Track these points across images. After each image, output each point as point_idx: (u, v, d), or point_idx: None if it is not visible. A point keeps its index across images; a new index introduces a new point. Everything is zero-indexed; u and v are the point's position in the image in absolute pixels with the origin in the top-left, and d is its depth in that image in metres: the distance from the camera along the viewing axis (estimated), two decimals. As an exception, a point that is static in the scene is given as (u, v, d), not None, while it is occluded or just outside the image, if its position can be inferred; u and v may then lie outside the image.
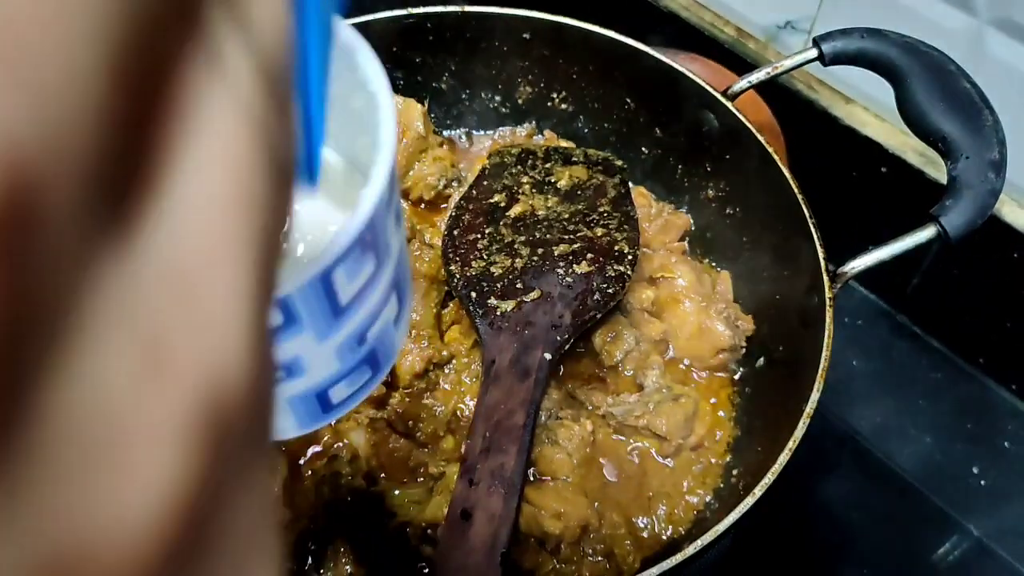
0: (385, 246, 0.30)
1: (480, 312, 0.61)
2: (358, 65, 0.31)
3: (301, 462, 0.61)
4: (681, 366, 0.68)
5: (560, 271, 0.63)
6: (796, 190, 0.63)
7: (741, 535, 0.59)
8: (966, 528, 0.73)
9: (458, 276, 0.63)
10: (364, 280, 0.29)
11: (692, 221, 0.75)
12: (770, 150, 0.65)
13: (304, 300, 0.26)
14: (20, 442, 0.09)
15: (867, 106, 0.81)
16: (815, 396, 0.55)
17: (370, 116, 0.31)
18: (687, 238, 0.75)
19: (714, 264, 0.74)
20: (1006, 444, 0.78)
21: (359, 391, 0.34)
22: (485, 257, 0.64)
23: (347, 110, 0.34)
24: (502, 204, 0.68)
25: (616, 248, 0.65)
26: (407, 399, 0.62)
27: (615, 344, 0.65)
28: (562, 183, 0.70)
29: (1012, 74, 0.70)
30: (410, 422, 0.62)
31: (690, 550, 0.49)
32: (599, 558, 0.58)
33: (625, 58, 0.72)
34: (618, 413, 0.63)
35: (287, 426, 0.33)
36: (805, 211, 0.62)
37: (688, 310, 0.68)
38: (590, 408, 0.64)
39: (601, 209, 0.68)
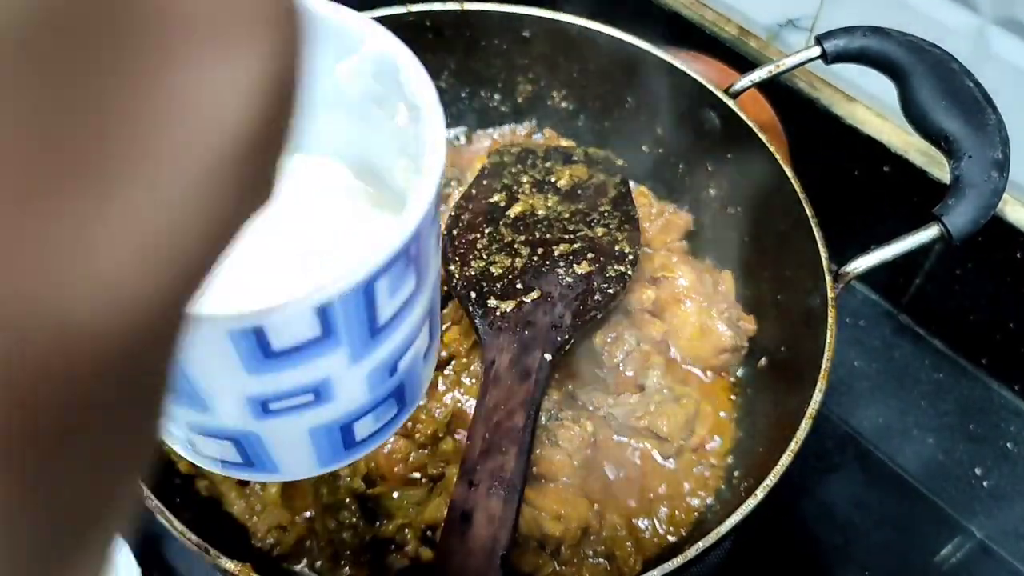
0: (426, 266, 0.29)
1: (480, 312, 0.60)
2: (402, 81, 0.31)
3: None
4: (682, 367, 0.67)
5: (560, 271, 0.62)
6: (798, 189, 0.62)
7: (743, 537, 0.58)
8: (968, 529, 0.73)
9: (457, 276, 0.63)
10: (404, 299, 0.28)
11: (692, 220, 0.75)
12: (772, 149, 0.64)
13: (345, 309, 0.26)
14: None
15: (869, 105, 0.80)
16: (817, 397, 0.54)
17: (414, 132, 0.30)
18: (688, 238, 0.75)
19: (715, 264, 0.74)
20: (1009, 445, 0.77)
21: (383, 429, 0.33)
22: (485, 257, 0.63)
23: (389, 130, 0.33)
24: (502, 204, 0.68)
25: (617, 248, 0.64)
26: (406, 400, 0.62)
27: (616, 344, 0.65)
28: (562, 182, 0.70)
29: (1016, 73, 0.70)
30: (409, 423, 0.61)
31: (691, 552, 0.49)
32: (600, 560, 0.58)
33: (626, 56, 0.71)
34: (619, 414, 0.62)
35: (306, 464, 0.32)
36: (807, 210, 0.62)
37: (689, 310, 0.67)
38: (591, 409, 0.63)
39: (602, 208, 0.67)
